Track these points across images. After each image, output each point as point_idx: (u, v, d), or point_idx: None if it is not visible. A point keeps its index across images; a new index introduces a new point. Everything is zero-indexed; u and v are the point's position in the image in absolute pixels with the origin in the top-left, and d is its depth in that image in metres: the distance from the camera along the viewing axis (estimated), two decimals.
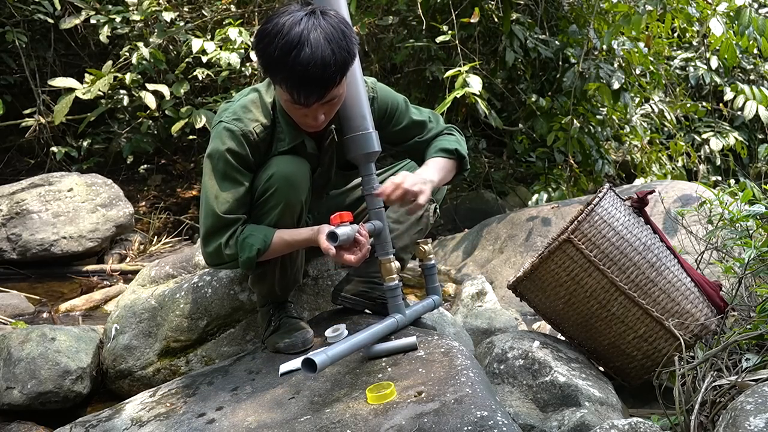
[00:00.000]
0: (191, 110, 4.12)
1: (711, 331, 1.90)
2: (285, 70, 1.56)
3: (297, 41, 1.53)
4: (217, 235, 1.71)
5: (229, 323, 2.13)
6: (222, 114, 1.76)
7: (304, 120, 1.69)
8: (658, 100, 5.21)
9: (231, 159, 1.70)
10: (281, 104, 1.72)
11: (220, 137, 1.71)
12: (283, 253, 1.77)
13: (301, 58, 1.53)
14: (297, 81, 1.56)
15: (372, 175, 1.77)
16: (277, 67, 1.57)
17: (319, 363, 1.41)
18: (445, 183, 1.93)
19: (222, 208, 1.70)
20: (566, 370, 1.84)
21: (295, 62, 1.53)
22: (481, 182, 5.05)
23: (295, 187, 1.70)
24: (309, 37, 1.54)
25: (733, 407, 1.33)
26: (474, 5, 4.10)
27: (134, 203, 4.31)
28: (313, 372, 1.42)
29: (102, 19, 4.24)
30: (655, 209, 3.03)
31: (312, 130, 1.75)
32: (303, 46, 1.53)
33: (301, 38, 1.54)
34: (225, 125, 1.71)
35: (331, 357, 1.46)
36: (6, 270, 3.44)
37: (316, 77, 1.55)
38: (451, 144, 1.91)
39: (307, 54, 1.53)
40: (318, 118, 1.67)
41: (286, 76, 1.57)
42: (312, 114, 1.66)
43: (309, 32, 1.55)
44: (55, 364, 1.99)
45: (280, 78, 1.59)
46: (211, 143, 1.74)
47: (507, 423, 1.33)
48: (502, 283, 3.24)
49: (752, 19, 3.66)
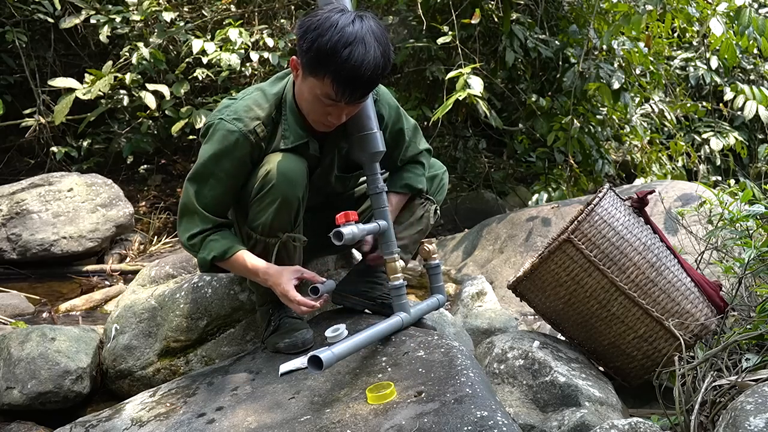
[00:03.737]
0: (191, 110, 4.12)
1: (711, 331, 1.90)
2: (335, 65, 1.55)
3: (353, 38, 1.54)
4: (190, 222, 1.77)
5: (229, 323, 2.13)
6: (223, 111, 1.75)
7: (325, 118, 1.69)
8: (658, 100, 5.21)
9: (223, 160, 1.70)
10: (300, 101, 1.72)
11: (219, 138, 1.71)
12: (241, 275, 1.86)
13: (356, 55, 1.54)
14: (346, 78, 1.56)
15: (376, 175, 1.77)
16: (327, 61, 1.56)
17: (325, 360, 1.41)
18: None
19: (201, 203, 1.74)
20: (566, 370, 1.84)
21: (349, 58, 1.54)
22: (481, 182, 5.05)
23: (293, 184, 1.70)
24: (364, 37, 1.56)
25: (733, 407, 1.33)
26: (474, 5, 4.10)
27: (134, 203, 4.30)
28: (319, 369, 1.42)
29: (102, 19, 4.23)
30: (655, 209, 3.03)
31: (325, 129, 1.75)
32: (358, 45, 1.54)
33: (356, 36, 1.55)
34: (226, 126, 1.71)
35: (337, 354, 1.46)
36: (6, 270, 3.43)
37: (365, 77, 1.57)
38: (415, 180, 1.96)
39: (361, 53, 1.54)
40: (341, 118, 1.68)
41: (336, 70, 1.56)
42: (338, 113, 1.67)
43: (364, 33, 1.57)
44: (55, 364, 1.99)
45: (329, 72, 1.58)
46: (208, 138, 1.73)
47: (507, 423, 1.33)
48: (502, 283, 3.24)
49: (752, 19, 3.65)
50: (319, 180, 1.87)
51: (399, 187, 1.94)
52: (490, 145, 5.48)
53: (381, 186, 1.77)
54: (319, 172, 1.87)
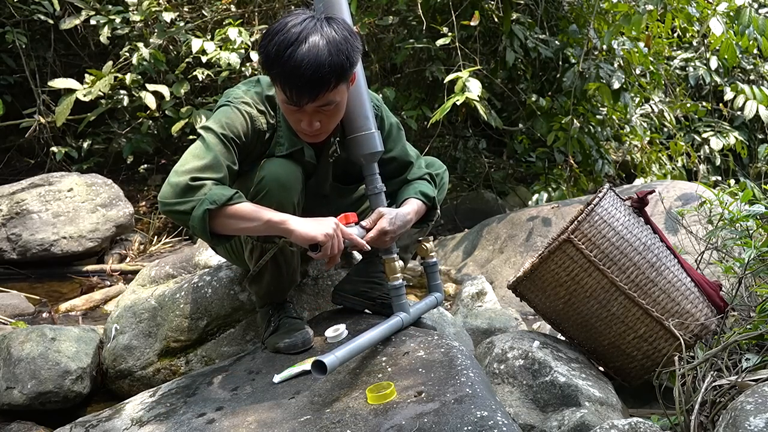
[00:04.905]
0: (191, 110, 4.12)
1: (711, 331, 1.90)
2: (279, 66, 1.56)
3: (295, 39, 1.54)
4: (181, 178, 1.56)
5: (229, 323, 2.13)
6: (229, 95, 1.74)
7: (299, 125, 1.68)
8: (658, 100, 5.21)
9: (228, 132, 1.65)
10: (280, 108, 1.72)
11: (225, 112, 1.68)
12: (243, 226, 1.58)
13: (296, 55, 1.54)
14: (289, 77, 1.56)
15: (375, 175, 1.77)
16: (273, 64, 1.58)
17: (329, 364, 1.42)
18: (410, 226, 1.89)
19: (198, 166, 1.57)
20: (566, 370, 1.84)
21: (289, 58, 1.54)
22: (481, 182, 5.05)
23: (287, 189, 1.69)
24: (308, 36, 1.55)
25: (733, 407, 1.33)
26: (474, 6, 4.10)
27: (134, 203, 4.30)
28: (323, 374, 1.42)
29: (102, 20, 4.23)
30: (655, 209, 3.03)
31: (309, 139, 1.73)
32: (300, 44, 1.54)
33: (299, 37, 1.55)
34: (234, 104, 1.69)
35: (340, 358, 1.47)
36: (6, 270, 3.44)
37: (307, 76, 1.54)
38: (430, 191, 1.89)
39: (302, 52, 1.54)
40: (312, 125, 1.65)
41: (280, 72, 1.57)
42: (307, 119, 1.65)
43: (309, 32, 1.56)
44: (55, 364, 1.99)
45: (275, 74, 1.59)
46: (213, 115, 1.69)
47: (507, 423, 1.33)
48: (502, 283, 3.24)
49: (752, 18, 3.66)
50: (314, 187, 1.87)
51: (414, 194, 1.87)
52: (490, 145, 5.48)
53: (380, 186, 1.77)
54: (314, 180, 1.86)
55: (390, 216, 1.70)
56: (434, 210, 1.92)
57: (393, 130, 1.91)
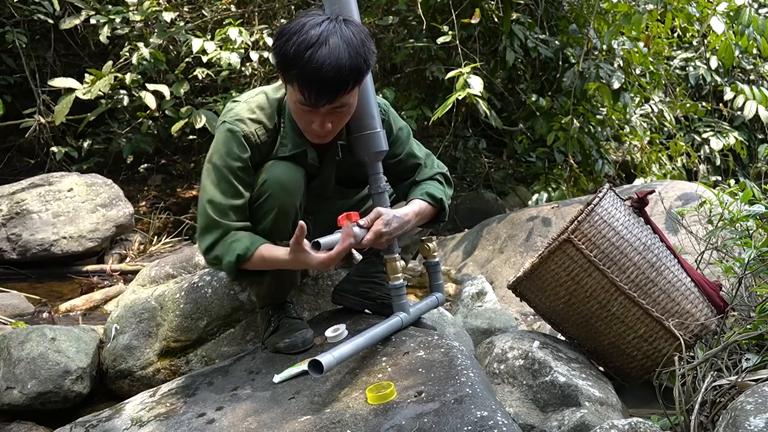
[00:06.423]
0: (191, 110, 4.12)
1: (711, 331, 1.90)
2: (299, 68, 1.55)
3: (315, 40, 1.54)
4: (208, 235, 1.70)
5: (229, 323, 2.13)
6: (226, 114, 1.75)
7: (310, 127, 1.68)
8: (658, 100, 5.21)
9: (231, 163, 1.69)
10: (290, 108, 1.71)
11: (223, 140, 1.71)
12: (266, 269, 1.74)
13: (317, 57, 1.53)
14: (309, 80, 1.55)
15: (379, 174, 1.77)
16: (291, 64, 1.56)
17: (325, 364, 1.42)
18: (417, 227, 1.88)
19: (216, 211, 1.69)
20: (566, 370, 1.85)
21: (310, 60, 1.53)
22: (481, 182, 5.06)
23: (290, 192, 1.70)
24: (328, 38, 1.55)
25: (733, 407, 1.33)
26: (474, 5, 4.10)
27: (134, 203, 4.30)
28: (320, 374, 1.42)
29: (102, 20, 4.23)
30: (655, 209, 3.02)
31: (317, 140, 1.73)
32: (321, 46, 1.53)
33: (319, 38, 1.54)
34: (228, 126, 1.71)
35: (337, 358, 1.47)
36: (6, 270, 3.43)
37: (328, 78, 1.54)
38: (438, 192, 1.87)
39: (323, 54, 1.53)
40: (324, 126, 1.65)
41: (299, 73, 1.56)
42: (319, 120, 1.64)
43: (329, 34, 1.55)
44: (55, 364, 1.99)
45: (293, 75, 1.58)
46: (213, 144, 1.74)
47: (507, 423, 1.33)
48: (502, 283, 3.24)
49: (752, 18, 3.66)
50: (317, 189, 1.87)
51: (420, 195, 1.85)
52: (490, 145, 5.48)
53: (383, 185, 1.77)
54: (317, 182, 1.86)
55: (387, 217, 1.69)
56: (443, 211, 1.89)
57: (401, 134, 1.90)
